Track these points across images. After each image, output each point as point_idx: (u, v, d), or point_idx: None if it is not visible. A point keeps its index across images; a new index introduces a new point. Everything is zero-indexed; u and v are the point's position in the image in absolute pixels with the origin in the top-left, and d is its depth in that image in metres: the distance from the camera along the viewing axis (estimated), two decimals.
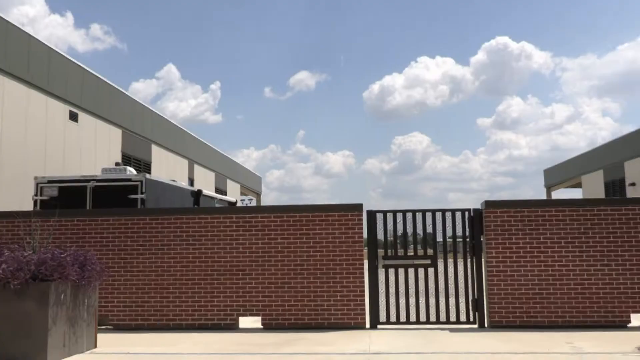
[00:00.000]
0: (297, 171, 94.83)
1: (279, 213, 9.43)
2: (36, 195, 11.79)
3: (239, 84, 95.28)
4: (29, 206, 12.81)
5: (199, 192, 14.26)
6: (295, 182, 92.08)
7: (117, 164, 19.84)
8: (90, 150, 18.58)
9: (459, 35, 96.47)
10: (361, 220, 9.38)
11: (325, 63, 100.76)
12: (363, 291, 9.20)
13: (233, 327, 9.24)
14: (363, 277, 9.23)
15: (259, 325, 9.36)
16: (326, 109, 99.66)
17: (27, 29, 15.99)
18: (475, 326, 9.24)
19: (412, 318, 9.42)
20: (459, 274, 9.36)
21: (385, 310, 9.35)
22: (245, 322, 9.61)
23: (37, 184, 11.86)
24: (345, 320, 9.12)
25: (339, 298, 9.17)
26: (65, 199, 11.57)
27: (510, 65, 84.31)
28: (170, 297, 9.32)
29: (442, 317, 9.35)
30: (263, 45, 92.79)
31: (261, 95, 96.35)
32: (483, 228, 9.34)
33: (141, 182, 11.57)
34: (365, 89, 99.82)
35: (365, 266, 9.36)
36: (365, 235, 9.55)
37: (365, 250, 9.54)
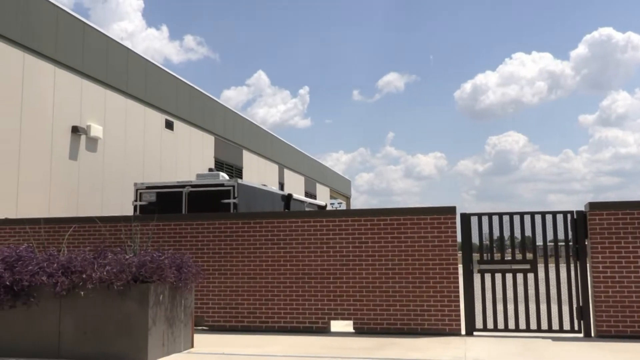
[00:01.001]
0: (386, 174, 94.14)
1: (369, 216, 9.31)
2: (136, 200, 12.35)
3: (327, 88, 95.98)
4: (129, 211, 13.46)
5: (290, 196, 14.41)
6: (385, 185, 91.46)
7: (210, 169, 20.45)
8: (185, 157, 19.30)
9: (557, 29, 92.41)
10: (454, 223, 9.08)
11: (414, 63, 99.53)
12: (458, 296, 8.88)
13: (325, 330, 9.20)
14: (457, 282, 8.92)
15: (350, 329, 9.27)
16: (416, 110, 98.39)
17: (126, 43, 16.85)
18: (581, 335, 8.67)
19: (511, 325, 8.99)
20: (561, 280, 8.83)
21: (481, 317, 8.98)
22: (337, 325, 9.55)
23: (136, 190, 12.42)
24: (439, 326, 8.85)
25: (432, 303, 8.91)
26: (162, 203, 12.05)
27: (614, 58, 79.74)
28: (263, 300, 9.43)
29: (544, 325, 8.86)
30: (350, 48, 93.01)
31: (349, 99, 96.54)
32: (587, 231, 8.76)
33: (233, 187, 11.83)
34: (457, 89, 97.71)
35: (460, 271, 9.04)
36: (459, 238, 9.24)
37: (459, 255, 9.22)
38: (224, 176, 13.07)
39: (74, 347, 7.02)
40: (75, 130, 14.08)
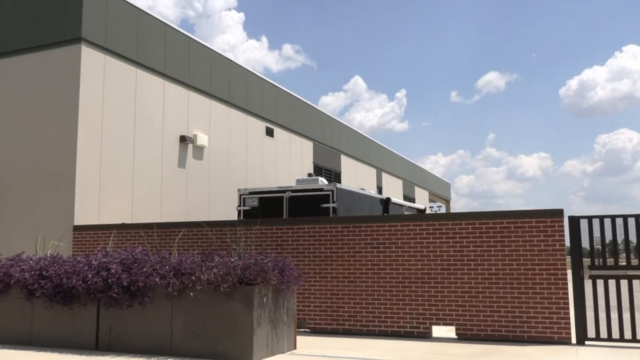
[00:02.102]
0: (487, 176, 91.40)
1: (470, 220, 9.09)
2: (239, 205, 12.81)
3: (424, 91, 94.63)
4: (233, 216, 13.98)
5: (388, 199, 14.36)
6: (486, 188, 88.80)
7: (309, 174, 20.85)
8: (285, 163, 19.77)
9: None
10: (562, 226, 8.67)
11: (515, 62, 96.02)
12: (567, 303, 8.46)
13: (426, 335, 9.09)
14: (566, 288, 8.50)
15: (453, 335, 9.09)
16: (518, 109, 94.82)
17: (228, 55, 17.55)
18: None
19: (627, 335, 8.43)
20: None
21: (594, 326, 8.49)
22: (438, 331, 9.40)
23: (240, 196, 12.89)
24: (547, 334, 8.47)
25: (539, 310, 8.55)
26: (264, 208, 12.42)
27: None
28: (363, 304, 9.47)
29: None
30: (447, 49, 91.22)
31: (447, 100, 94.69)
32: None
33: (332, 191, 11.98)
34: (562, 86, 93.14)
35: (569, 277, 8.60)
36: (567, 243, 8.80)
37: (568, 260, 8.78)
38: (323, 181, 13.26)
39: (184, 346, 7.40)
40: (183, 139, 14.85)
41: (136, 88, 13.58)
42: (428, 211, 26.43)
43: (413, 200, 32.70)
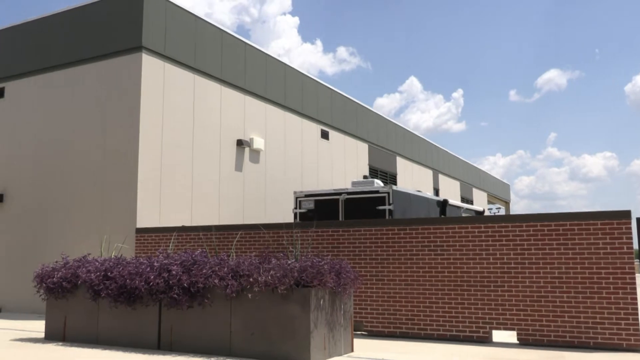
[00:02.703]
0: (549, 177, 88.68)
1: (531, 222, 8.84)
2: (295, 208, 12.90)
3: (482, 90, 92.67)
4: (290, 218, 14.09)
5: (445, 201, 14.15)
6: (548, 189, 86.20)
7: (365, 177, 20.79)
8: (340, 165, 19.78)
9: None
10: (630, 229, 8.30)
11: (577, 58, 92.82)
12: (636, 309, 8.09)
13: (486, 340, 8.88)
14: (635, 293, 8.13)
15: (514, 340, 8.85)
16: (580, 107, 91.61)
17: (283, 59, 17.73)
18: None
19: None
20: None
21: None
22: (499, 335, 9.18)
23: (296, 198, 12.97)
24: (614, 341, 8.12)
25: (605, 315, 8.21)
26: (320, 211, 12.46)
27: None
28: (421, 307, 9.35)
29: None
30: (505, 48, 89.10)
31: (506, 100, 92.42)
32: None
33: (388, 193, 11.89)
34: (628, 82, 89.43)
35: (638, 281, 8.23)
36: (635, 246, 8.42)
37: (637, 263, 8.40)
38: (378, 183, 13.19)
39: (243, 347, 7.50)
40: (239, 143, 15.09)
41: (194, 94, 13.90)
42: (487, 213, 25.86)
43: (471, 202, 32.09)
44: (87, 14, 13.71)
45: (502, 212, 42.34)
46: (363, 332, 9.71)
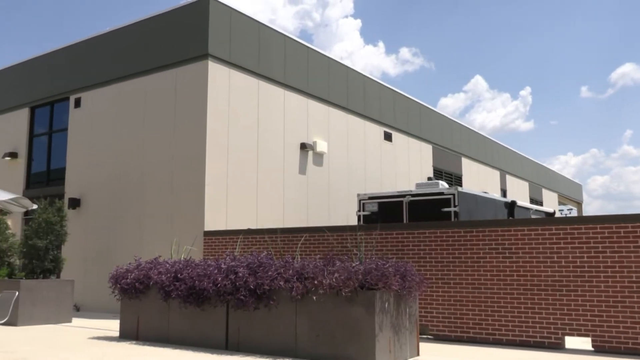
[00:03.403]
0: (625, 176, 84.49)
1: (606, 223, 8.47)
2: (359, 210, 12.88)
3: (551, 87, 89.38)
4: (353, 221, 14.10)
5: (513, 203, 13.78)
6: (624, 189, 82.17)
7: (429, 178, 20.53)
8: (404, 167, 19.61)
9: None
10: None
11: None
12: None
13: (558, 346, 8.57)
14: None
15: (589, 347, 8.49)
16: None
17: (346, 62, 17.77)
18: None
19: None
20: None
21: None
22: (572, 342, 8.84)
23: (359, 201, 12.96)
24: None
25: None
26: (384, 213, 12.39)
27: None
28: (488, 311, 9.13)
29: None
30: (575, 42, 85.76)
31: (577, 96, 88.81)
32: None
33: (453, 195, 11.70)
34: None
35: None
36: None
37: None
38: (443, 184, 13.00)
39: (308, 348, 7.55)
40: (303, 146, 15.24)
41: (258, 99, 14.14)
42: (557, 215, 24.98)
43: (541, 204, 31.09)
44: (156, 25, 14.21)
45: (574, 213, 40.80)
46: (429, 336, 9.58)
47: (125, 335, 9.44)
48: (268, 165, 14.22)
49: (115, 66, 14.93)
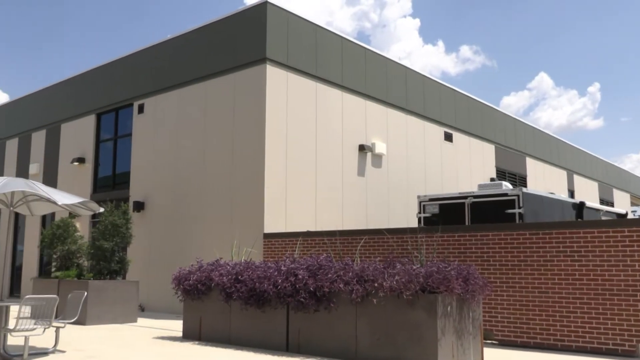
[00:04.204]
0: None
1: None
2: (419, 212, 12.67)
3: (621, 82, 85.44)
4: (413, 223, 13.88)
5: (582, 204, 13.22)
6: None
7: (492, 179, 20.01)
8: (465, 168, 19.18)
9: None
10: None
11: None
12: None
13: (633, 354, 8.12)
14: None
15: None
16: None
17: (404, 63, 17.55)
18: None
19: None
20: None
21: None
22: None
23: (420, 202, 12.75)
24: None
25: None
26: (445, 215, 12.14)
27: None
28: (557, 316, 8.76)
29: None
30: None
31: None
32: None
33: (518, 196, 11.33)
34: None
35: None
36: None
37: None
38: (507, 185, 12.62)
39: (368, 351, 7.45)
40: (361, 148, 15.14)
41: (316, 101, 14.15)
42: (630, 216, 23.86)
43: (612, 204, 29.77)
44: (214, 31, 14.46)
45: None
46: (493, 341, 9.28)
47: (188, 335, 9.61)
48: (326, 168, 14.20)
49: (175, 72, 15.28)
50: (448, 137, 18.53)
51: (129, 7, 62.61)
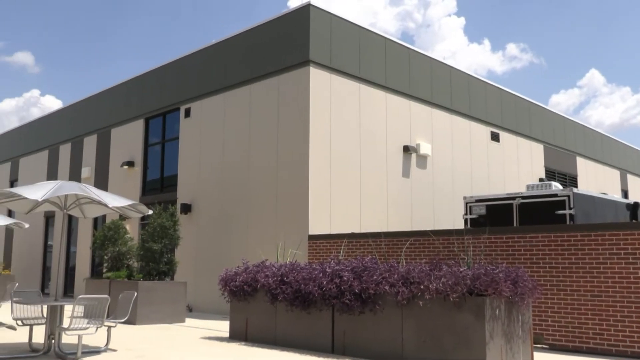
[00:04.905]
0: None
1: None
2: (466, 214, 12.48)
3: None
4: (459, 224, 13.67)
5: (637, 204, 12.78)
6: None
7: (540, 179, 19.54)
8: (513, 168, 18.79)
9: None
10: None
11: None
12: None
13: None
14: None
15: None
16: None
17: (449, 62, 17.33)
18: None
19: None
20: None
21: None
22: None
23: (466, 204, 12.55)
24: None
25: None
26: (492, 216, 11.91)
27: None
28: (611, 321, 8.47)
29: None
30: None
31: None
32: None
33: (568, 197, 11.03)
34: None
35: None
36: None
37: None
38: (556, 186, 12.30)
39: (415, 354, 7.37)
40: (406, 149, 15.01)
41: (360, 102, 14.11)
42: None
43: None
44: (259, 34, 14.60)
45: None
46: (544, 346, 9.05)
47: (235, 335, 9.72)
48: (371, 169, 14.14)
49: (221, 76, 15.50)
50: (495, 137, 18.19)
51: (175, 14, 63.92)
